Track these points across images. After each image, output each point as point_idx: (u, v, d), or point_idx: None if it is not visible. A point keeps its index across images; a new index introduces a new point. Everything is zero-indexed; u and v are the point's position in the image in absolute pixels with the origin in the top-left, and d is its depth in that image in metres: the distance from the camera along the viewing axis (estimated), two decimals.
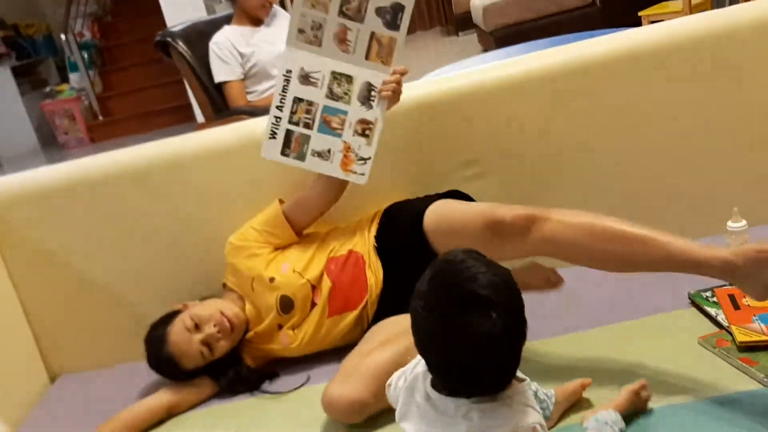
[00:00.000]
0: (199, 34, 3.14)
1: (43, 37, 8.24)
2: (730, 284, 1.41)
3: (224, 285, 1.87)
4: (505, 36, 5.28)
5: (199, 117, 6.16)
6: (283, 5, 6.77)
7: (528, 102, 1.90)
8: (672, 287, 1.66)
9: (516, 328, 1.00)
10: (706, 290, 1.68)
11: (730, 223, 1.82)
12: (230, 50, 2.98)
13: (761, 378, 1.35)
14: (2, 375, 1.85)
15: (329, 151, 1.69)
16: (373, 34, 1.66)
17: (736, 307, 1.58)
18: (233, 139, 1.96)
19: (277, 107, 1.69)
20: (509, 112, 1.90)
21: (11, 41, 7.78)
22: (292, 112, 1.68)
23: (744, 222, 1.81)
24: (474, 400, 1.01)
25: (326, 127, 1.69)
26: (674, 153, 1.91)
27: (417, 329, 1.03)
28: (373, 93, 1.68)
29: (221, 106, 3.06)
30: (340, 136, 1.69)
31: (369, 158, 1.70)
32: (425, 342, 1.02)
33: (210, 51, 3.01)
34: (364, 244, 1.76)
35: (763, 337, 1.46)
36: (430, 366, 1.05)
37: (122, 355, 2.01)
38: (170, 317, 1.76)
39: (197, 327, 1.70)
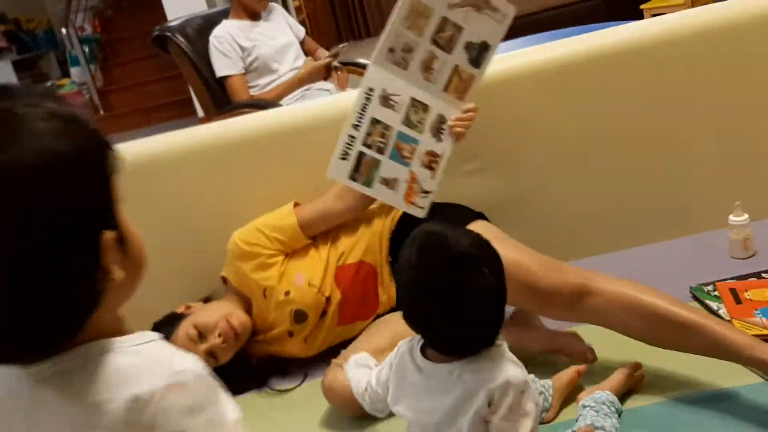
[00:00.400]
0: (197, 29, 3.13)
1: (44, 31, 8.22)
2: None
3: (224, 278, 1.83)
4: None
5: (200, 111, 6.17)
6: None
7: (530, 95, 1.89)
8: (673, 281, 1.66)
9: (503, 281, 1.05)
10: (707, 284, 1.68)
11: (731, 217, 1.82)
12: (231, 44, 2.97)
13: (762, 372, 1.35)
14: None
15: (396, 180, 1.62)
16: (456, 68, 1.62)
17: (738, 301, 1.58)
18: (235, 134, 1.96)
19: (354, 126, 1.58)
20: (510, 106, 1.90)
21: (12, 35, 7.77)
22: (368, 134, 1.59)
23: (746, 216, 1.81)
24: (466, 361, 1.06)
25: (398, 155, 1.62)
26: (676, 147, 1.91)
27: (411, 301, 1.07)
28: (443, 126, 1.63)
29: (222, 100, 3.05)
30: (409, 165, 1.62)
31: (431, 192, 1.65)
32: (421, 311, 1.06)
33: (210, 45, 3.00)
34: (377, 256, 1.73)
35: (765, 331, 1.46)
36: (427, 335, 1.10)
37: None
38: (172, 321, 1.72)
39: (201, 336, 1.67)
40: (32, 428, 0.62)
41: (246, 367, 1.74)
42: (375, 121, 1.59)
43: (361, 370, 1.32)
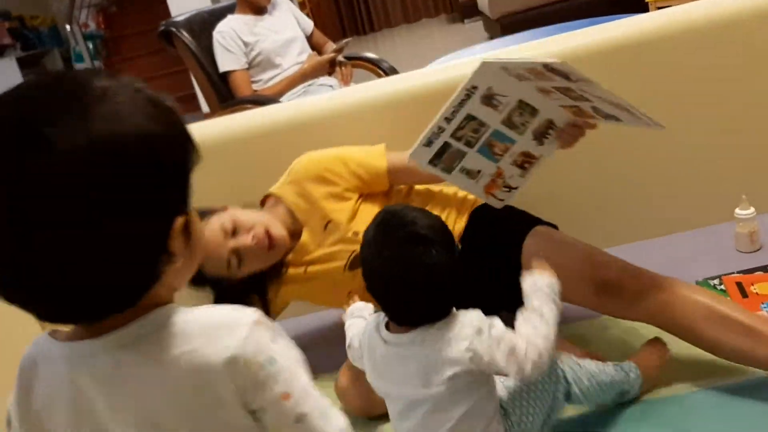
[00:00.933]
0: (203, 24, 3.14)
1: (48, 28, 8.24)
2: None
3: (269, 197, 1.71)
4: (511, 23, 5.25)
5: (205, 107, 6.17)
6: None
7: None
8: (680, 274, 1.65)
9: (452, 260, 1.14)
10: (713, 278, 1.67)
11: (738, 210, 1.81)
12: (234, 39, 2.98)
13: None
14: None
15: (479, 171, 1.56)
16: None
17: (744, 295, 1.58)
18: (239, 129, 1.96)
19: (446, 119, 1.50)
20: None
21: (16, 32, 7.79)
22: (459, 128, 1.51)
23: (752, 209, 1.80)
24: (424, 328, 1.14)
25: (488, 150, 1.54)
26: (682, 140, 1.90)
27: (370, 274, 1.17)
28: (550, 131, 1.53)
29: (226, 95, 3.06)
30: (497, 161, 1.55)
31: (516, 188, 1.58)
32: (379, 283, 1.16)
33: (214, 40, 3.00)
34: None
35: None
36: (385, 305, 1.18)
37: None
38: (207, 212, 1.56)
39: (234, 233, 1.53)
40: (115, 394, 0.65)
41: (257, 291, 1.63)
42: (470, 117, 1.51)
43: (356, 322, 1.34)
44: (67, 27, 7.31)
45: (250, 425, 0.68)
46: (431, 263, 1.11)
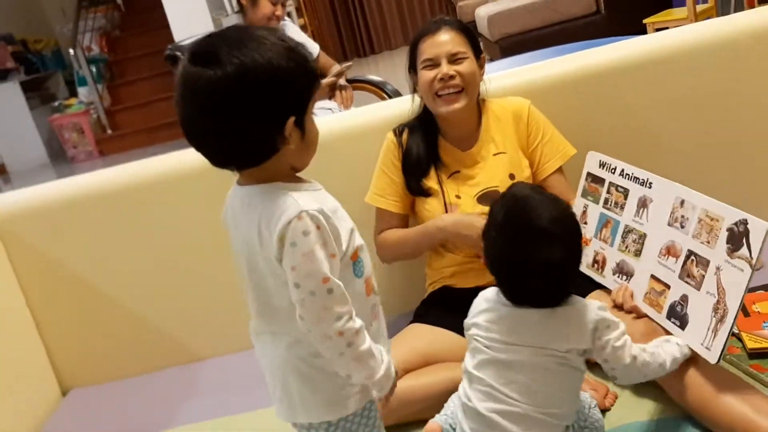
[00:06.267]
0: None
1: (52, 51, 8.30)
2: None
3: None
4: (510, 45, 5.29)
5: None
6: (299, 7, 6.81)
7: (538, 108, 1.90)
8: None
9: (575, 255, 1.18)
10: None
11: None
12: None
13: None
14: (16, 389, 1.87)
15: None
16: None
17: (746, 314, 1.58)
18: None
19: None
20: None
21: (20, 56, 7.84)
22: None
23: None
24: (537, 310, 1.19)
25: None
26: (676, 157, 1.91)
27: (489, 253, 1.22)
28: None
29: None
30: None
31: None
32: (496, 264, 1.21)
33: None
34: None
35: None
36: (499, 284, 1.23)
37: (133, 368, 2.02)
38: None
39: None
40: (242, 213, 1.08)
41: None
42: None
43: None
44: (71, 50, 7.36)
45: (282, 273, 1.03)
46: (547, 259, 1.14)
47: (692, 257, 1.36)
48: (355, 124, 1.98)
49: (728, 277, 1.27)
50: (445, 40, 1.66)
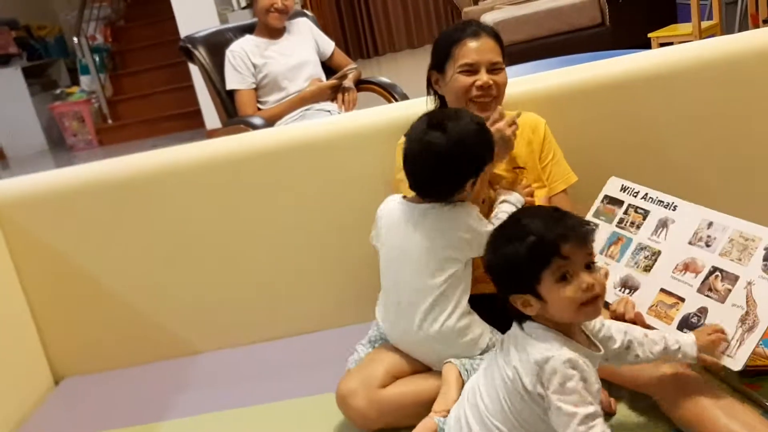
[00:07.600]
0: (222, 41, 3.17)
1: (55, 38, 8.29)
2: None
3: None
4: (516, 53, 5.29)
5: (209, 123, 6.20)
6: (304, 7, 6.79)
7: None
8: None
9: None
10: None
11: None
12: (244, 60, 3.01)
13: (765, 402, 1.36)
14: (7, 375, 1.87)
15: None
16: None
17: None
18: (238, 149, 1.98)
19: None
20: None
21: (23, 42, 7.83)
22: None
23: None
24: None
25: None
26: (683, 177, 1.92)
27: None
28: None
29: (233, 113, 3.09)
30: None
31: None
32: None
33: (225, 58, 3.04)
34: None
35: (767, 362, 1.46)
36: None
37: (128, 359, 2.02)
38: None
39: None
40: (417, 229, 1.48)
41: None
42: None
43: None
44: (75, 39, 7.35)
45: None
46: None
47: (717, 273, 1.43)
48: (361, 124, 1.99)
49: (761, 291, 1.36)
50: (487, 48, 1.68)
